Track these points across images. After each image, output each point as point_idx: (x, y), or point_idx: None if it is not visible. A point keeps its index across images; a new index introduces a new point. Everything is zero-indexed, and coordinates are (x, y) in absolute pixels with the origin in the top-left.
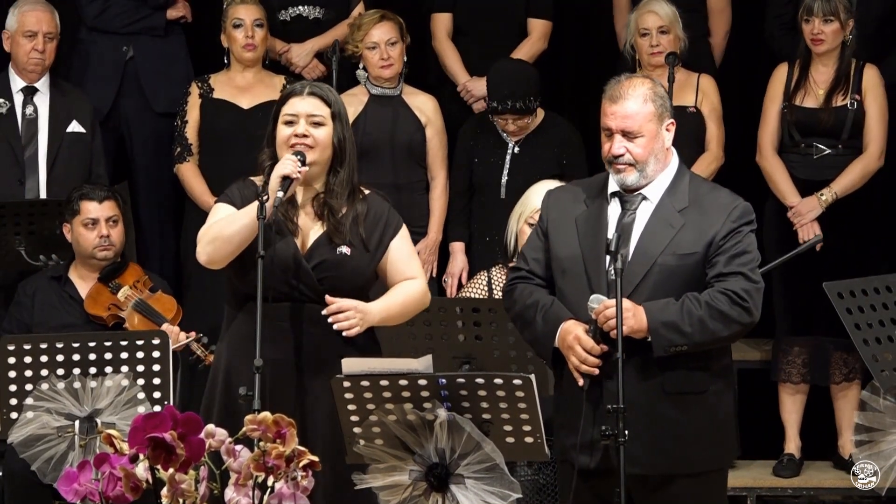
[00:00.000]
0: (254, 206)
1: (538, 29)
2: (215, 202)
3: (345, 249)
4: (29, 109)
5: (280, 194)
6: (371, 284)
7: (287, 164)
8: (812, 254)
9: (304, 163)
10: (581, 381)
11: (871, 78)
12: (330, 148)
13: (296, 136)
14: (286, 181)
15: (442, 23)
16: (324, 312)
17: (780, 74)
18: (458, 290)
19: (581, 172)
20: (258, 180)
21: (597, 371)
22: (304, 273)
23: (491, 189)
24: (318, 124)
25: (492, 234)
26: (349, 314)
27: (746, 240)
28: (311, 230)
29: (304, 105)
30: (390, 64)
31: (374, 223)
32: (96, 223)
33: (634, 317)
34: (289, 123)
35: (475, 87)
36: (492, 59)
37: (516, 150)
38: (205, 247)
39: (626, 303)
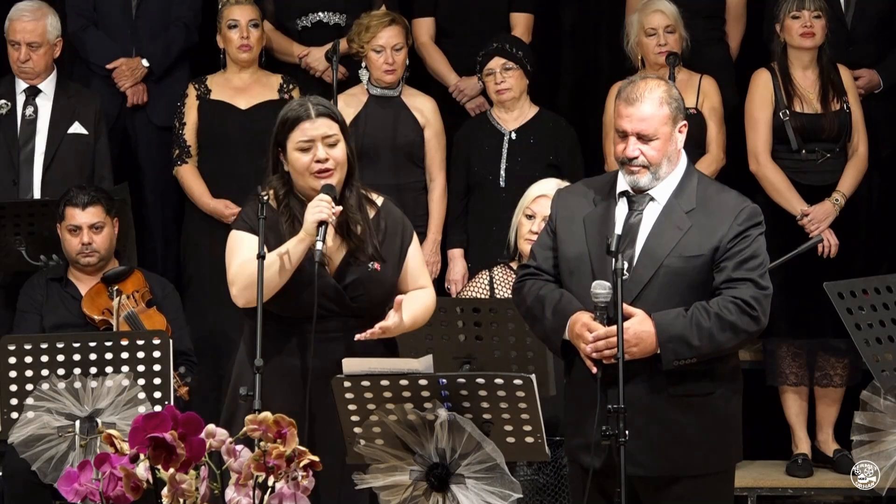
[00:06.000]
0: (286, 247)
1: (521, 23)
2: (234, 229)
3: (375, 265)
4: (29, 110)
5: (319, 245)
6: (393, 295)
7: (322, 209)
8: (808, 256)
9: (336, 201)
10: (595, 369)
11: (848, 79)
12: (347, 163)
13: (317, 161)
14: (322, 226)
15: (424, 27)
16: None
17: (765, 80)
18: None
19: (576, 165)
20: (272, 198)
21: (608, 352)
22: (336, 294)
23: (490, 181)
24: (333, 144)
25: (492, 230)
26: (387, 327)
27: (755, 244)
28: (335, 249)
29: (317, 128)
30: (394, 69)
31: (392, 234)
32: (79, 230)
33: (639, 346)
34: (304, 150)
35: (467, 87)
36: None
37: (513, 136)
38: (241, 291)
39: (630, 332)
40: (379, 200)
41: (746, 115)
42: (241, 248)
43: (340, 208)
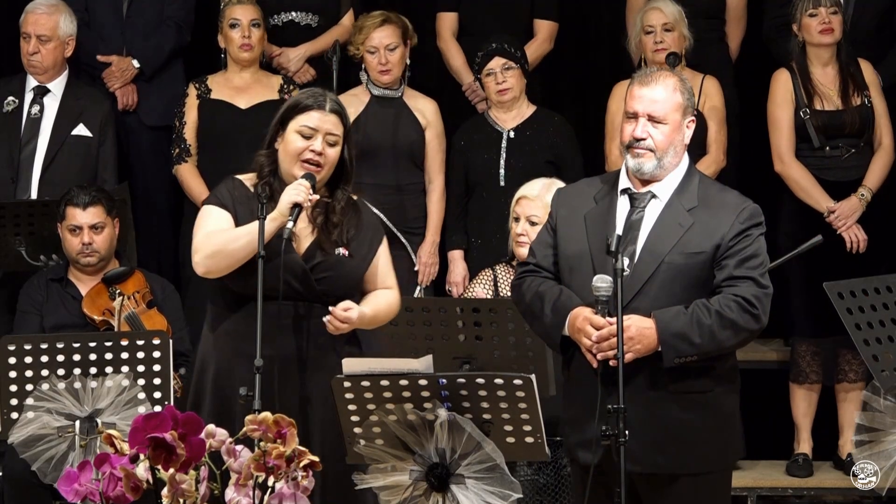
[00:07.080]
0: (257, 224)
1: (544, 30)
2: (204, 204)
3: (343, 251)
4: (34, 109)
5: (290, 225)
6: (359, 288)
7: (300, 192)
8: (830, 254)
9: (314, 189)
10: (595, 363)
11: (870, 73)
12: (335, 166)
13: (312, 151)
14: (296, 208)
15: (447, 22)
16: (328, 316)
17: (784, 79)
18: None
19: (575, 162)
20: (247, 179)
21: (612, 352)
22: (303, 274)
23: (490, 180)
24: (332, 144)
25: (493, 229)
26: (348, 316)
27: (756, 243)
28: (304, 235)
29: (325, 122)
30: (388, 70)
31: (365, 230)
32: (80, 230)
33: (642, 342)
34: (304, 136)
35: (480, 87)
36: None
37: (511, 134)
38: (204, 259)
39: (632, 329)
40: (355, 198)
41: (769, 116)
42: (209, 221)
43: (317, 197)
